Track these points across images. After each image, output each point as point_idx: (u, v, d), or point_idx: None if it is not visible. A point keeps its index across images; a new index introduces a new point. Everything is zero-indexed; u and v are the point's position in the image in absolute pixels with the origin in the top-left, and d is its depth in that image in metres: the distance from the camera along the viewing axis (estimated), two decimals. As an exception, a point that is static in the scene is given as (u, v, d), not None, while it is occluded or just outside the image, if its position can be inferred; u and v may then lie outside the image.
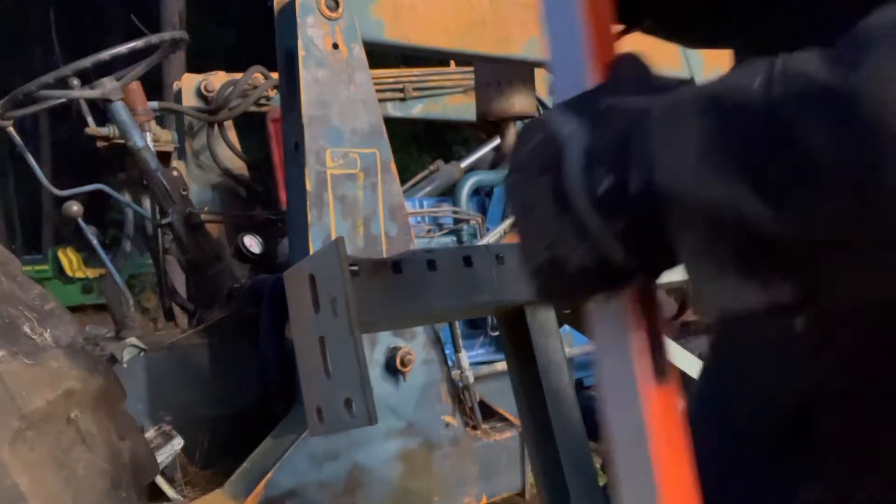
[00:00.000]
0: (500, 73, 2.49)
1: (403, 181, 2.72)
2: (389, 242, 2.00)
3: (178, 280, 2.75)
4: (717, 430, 0.70)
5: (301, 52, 1.87)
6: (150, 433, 1.89)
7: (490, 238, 2.55)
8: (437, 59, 2.99)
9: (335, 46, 1.92)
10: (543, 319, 0.90)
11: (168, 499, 1.88)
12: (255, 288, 2.31)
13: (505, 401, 2.29)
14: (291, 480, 1.87)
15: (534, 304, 0.90)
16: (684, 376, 1.96)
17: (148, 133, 2.32)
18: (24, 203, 18.49)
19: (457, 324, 2.25)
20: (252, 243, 2.51)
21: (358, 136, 1.95)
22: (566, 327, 1.08)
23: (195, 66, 5.39)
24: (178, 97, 2.78)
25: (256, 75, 2.62)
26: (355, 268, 0.77)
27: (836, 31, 0.38)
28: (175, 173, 2.43)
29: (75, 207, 2.24)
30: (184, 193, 2.39)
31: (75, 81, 2.19)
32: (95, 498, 1.10)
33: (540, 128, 0.46)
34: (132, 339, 2.07)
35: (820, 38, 0.38)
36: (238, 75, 2.68)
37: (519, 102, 2.52)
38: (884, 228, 0.34)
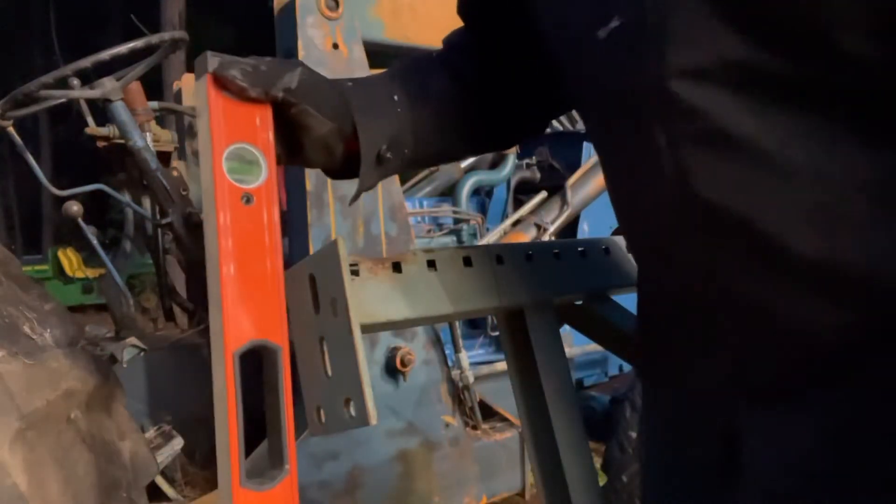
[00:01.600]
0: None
1: (403, 181, 2.72)
2: (389, 242, 2.00)
3: (178, 280, 2.74)
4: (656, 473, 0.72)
5: (301, 52, 1.86)
6: (150, 433, 1.89)
7: (490, 238, 2.55)
8: (437, 59, 2.98)
9: (335, 46, 1.92)
10: (543, 319, 0.90)
11: (168, 499, 1.88)
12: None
13: (505, 401, 2.29)
14: (291, 480, 1.87)
15: (534, 304, 0.90)
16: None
17: (148, 133, 2.32)
18: (24, 203, 18.48)
19: (457, 324, 2.25)
20: (252, 243, 2.51)
21: (358, 136, 1.95)
22: (566, 327, 1.08)
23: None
24: (178, 97, 2.78)
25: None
26: (355, 268, 0.77)
27: None
28: (175, 173, 2.42)
29: (75, 207, 2.24)
30: (184, 193, 2.38)
31: (75, 81, 2.19)
32: (95, 498, 1.10)
33: None
34: (132, 339, 2.06)
35: None
36: (238, 75, 2.67)
37: (519, 102, 2.52)
38: None
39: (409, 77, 0.77)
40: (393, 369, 1.98)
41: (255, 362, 0.58)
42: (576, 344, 2.55)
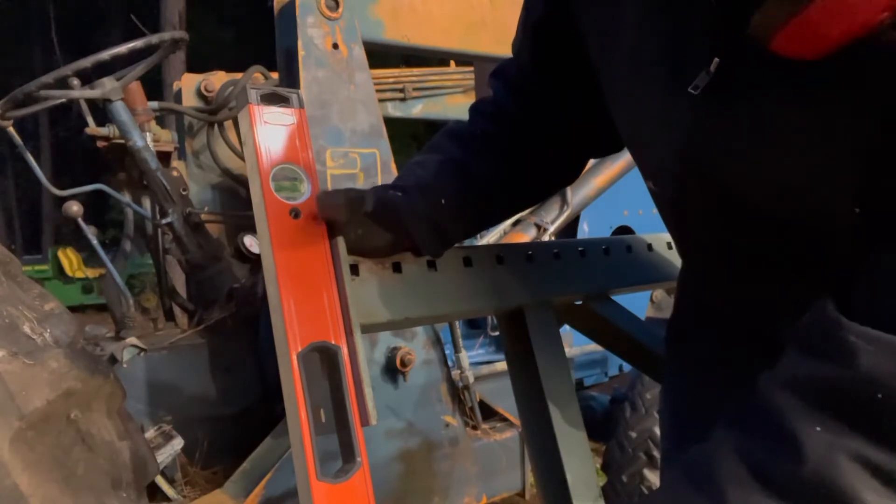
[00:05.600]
0: (500, 73, 2.49)
1: (403, 181, 2.71)
2: (389, 242, 2.00)
3: (178, 280, 2.74)
4: None
5: (301, 52, 1.86)
6: (150, 433, 1.89)
7: (490, 238, 2.54)
8: (437, 59, 2.99)
9: (335, 46, 1.92)
10: (543, 319, 0.90)
11: (168, 499, 1.88)
12: (256, 288, 2.31)
13: (505, 401, 2.29)
14: (291, 480, 1.87)
15: (534, 304, 0.90)
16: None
17: (148, 133, 2.32)
18: (24, 203, 18.50)
19: (457, 324, 2.25)
20: (252, 243, 2.51)
21: (358, 136, 1.95)
22: (566, 327, 1.08)
23: (195, 66, 5.38)
24: (178, 97, 2.78)
25: (256, 75, 2.62)
26: (355, 267, 0.77)
27: None
28: (175, 173, 2.42)
29: (75, 207, 2.23)
30: (184, 193, 2.38)
31: (75, 81, 2.19)
32: (95, 498, 1.10)
33: None
34: (132, 339, 2.06)
35: None
36: (238, 75, 2.68)
37: (519, 102, 2.51)
38: None
39: (454, 171, 0.83)
40: (393, 369, 1.98)
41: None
42: (576, 344, 2.55)
